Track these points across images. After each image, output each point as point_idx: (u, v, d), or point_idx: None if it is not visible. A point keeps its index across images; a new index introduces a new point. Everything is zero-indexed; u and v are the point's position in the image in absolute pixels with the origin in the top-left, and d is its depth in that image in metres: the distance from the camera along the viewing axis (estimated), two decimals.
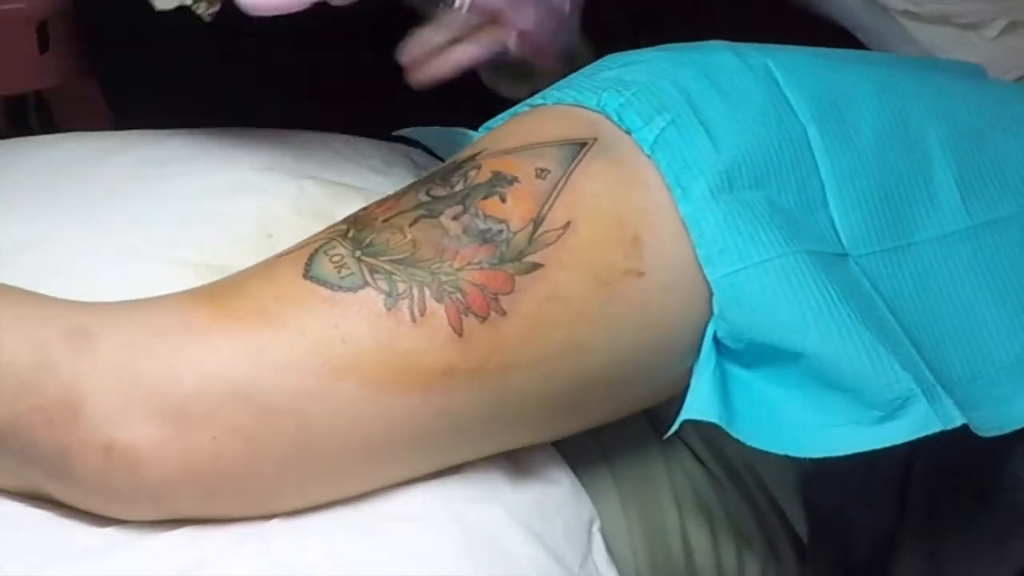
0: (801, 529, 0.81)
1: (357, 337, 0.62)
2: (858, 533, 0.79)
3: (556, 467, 0.72)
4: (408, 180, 0.86)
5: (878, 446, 0.63)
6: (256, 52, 0.94)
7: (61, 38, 1.08)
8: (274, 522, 0.63)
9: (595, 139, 0.69)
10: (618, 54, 0.77)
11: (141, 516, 0.63)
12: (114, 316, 0.64)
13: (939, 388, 0.65)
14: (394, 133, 0.90)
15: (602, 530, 0.71)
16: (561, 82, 0.76)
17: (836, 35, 1.13)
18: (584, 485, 0.73)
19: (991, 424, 0.66)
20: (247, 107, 0.88)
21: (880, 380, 0.64)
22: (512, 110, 0.76)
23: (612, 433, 0.77)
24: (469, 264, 0.64)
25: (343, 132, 0.92)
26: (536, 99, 0.75)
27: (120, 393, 0.61)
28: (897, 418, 0.64)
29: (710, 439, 0.80)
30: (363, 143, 0.91)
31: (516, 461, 0.70)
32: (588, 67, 0.78)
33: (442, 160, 0.89)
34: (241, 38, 0.82)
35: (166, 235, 0.77)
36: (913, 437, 0.63)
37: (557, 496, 0.70)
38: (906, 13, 1.10)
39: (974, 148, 0.74)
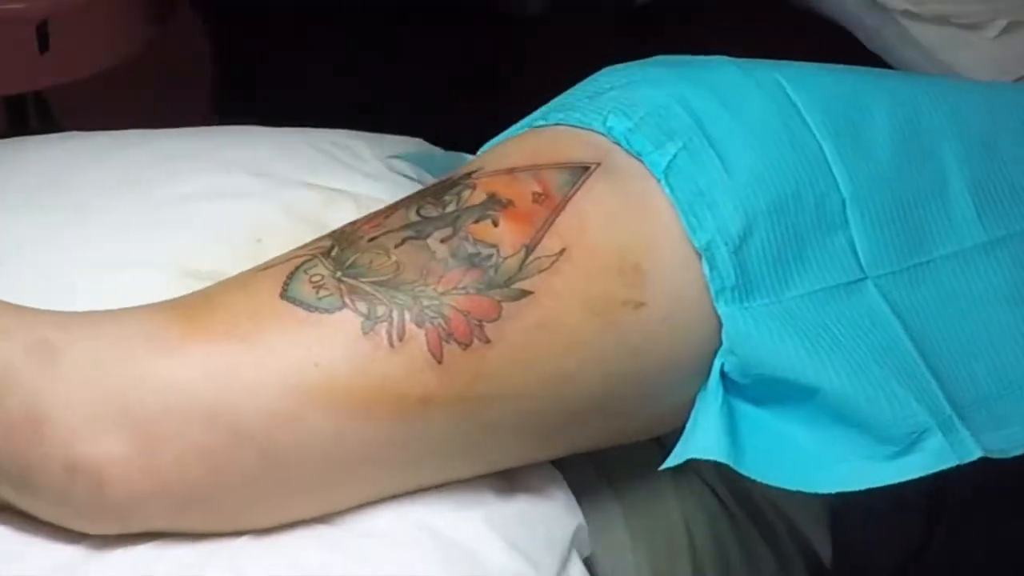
0: (824, 553, 0.80)
1: (331, 361, 0.61)
2: (882, 553, 0.78)
3: (547, 480, 0.70)
4: (403, 186, 0.84)
5: (892, 481, 0.62)
6: None
7: (61, 38, 1.09)
8: (244, 539, 0.62)
9: (599, 163, 0.67)
10: (616, 68, 0.75)
11: (108, 530, 0.62)
12: (81, 329, 0.63)
13: (955, 419, 0.64)
14: (388, 157, 0.88)
15: (582, 540, 0.70)
16: (558, 102, 0.74)
17: (836, 35, 1.13)
18: (590, 515, 0.71)
19: (1022, 441, 0.65)
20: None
21: (895, 414, 0.63)
22: (510, 131, 0.74)
23: (620, 462, 0.75)
24: (454, 288, 0.62)
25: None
26: (537, 119, 0.72)
27: (83, 409, 0.60)
28: (912, 453, 0.63)
29: (722, 470, 0.79)
30: (361, 143, 0.89)
31: (505, 473, 0.68)
32: (585, 83, 0.75)
33: None
34: None
35: (154, 239, 0.76)
36: (927, 472, 0.62)
37: (542, 507, 0.69)
38: (906, 13, 1.10)
39: (986, 156, 0.72)
